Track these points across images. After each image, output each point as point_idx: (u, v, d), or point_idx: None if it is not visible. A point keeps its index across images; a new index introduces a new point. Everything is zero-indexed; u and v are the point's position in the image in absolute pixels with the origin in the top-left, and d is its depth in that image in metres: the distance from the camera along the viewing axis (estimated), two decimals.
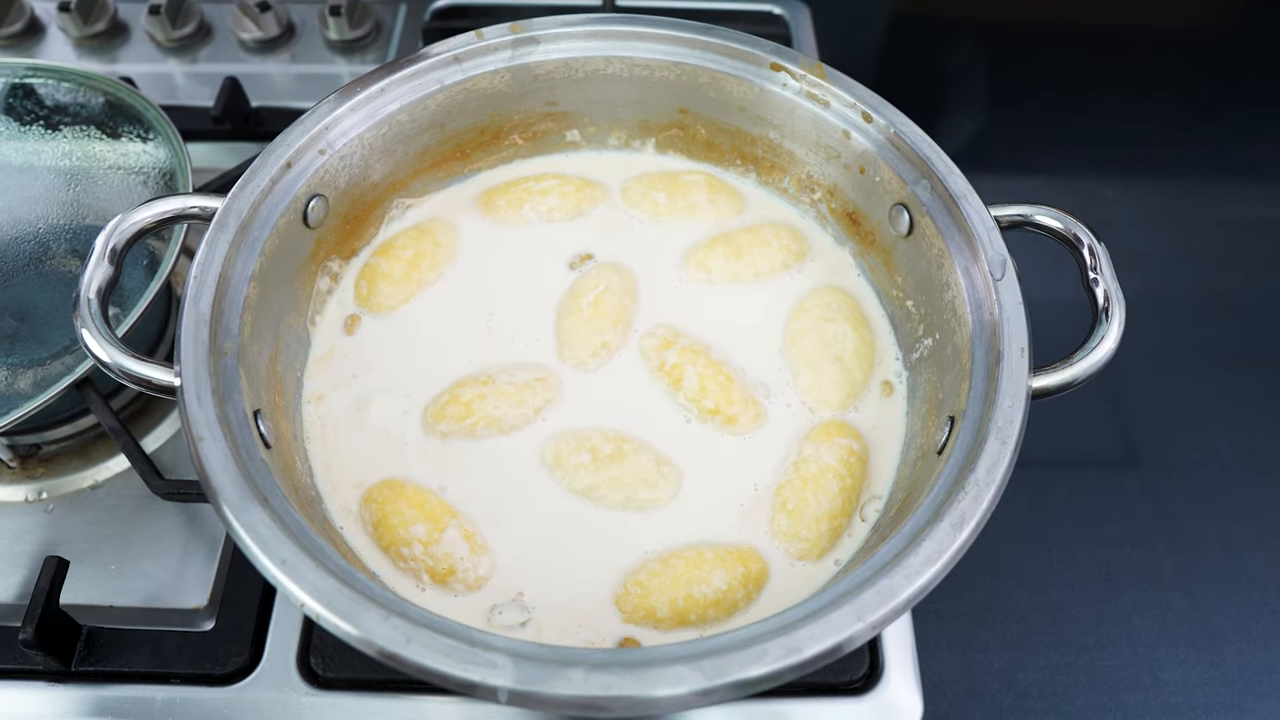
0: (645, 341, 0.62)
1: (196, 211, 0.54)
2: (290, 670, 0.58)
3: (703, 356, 0.60)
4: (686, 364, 0.60)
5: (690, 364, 0.60)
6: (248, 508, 0.45)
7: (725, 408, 0.59)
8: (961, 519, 0.45)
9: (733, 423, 0.59)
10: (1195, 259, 0.88)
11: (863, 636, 0.42)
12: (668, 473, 0.57)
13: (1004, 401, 0.49)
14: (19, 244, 0.67)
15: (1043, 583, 0.68)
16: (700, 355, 0.61)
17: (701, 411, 0.59)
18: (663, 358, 0.61)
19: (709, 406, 0.59)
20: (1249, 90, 1.03)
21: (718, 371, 0.60)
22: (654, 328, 0.62)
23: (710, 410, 0.59)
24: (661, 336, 0.62)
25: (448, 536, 0.54)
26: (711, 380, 0.59)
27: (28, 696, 0.58)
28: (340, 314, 0.63)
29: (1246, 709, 0.64)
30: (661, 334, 0.62)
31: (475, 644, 0.41)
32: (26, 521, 0.66)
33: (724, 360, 0.61)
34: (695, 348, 0.61)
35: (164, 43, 0.94)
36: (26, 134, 0.72)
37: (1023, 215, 0.56)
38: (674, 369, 0.60)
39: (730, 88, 0.65)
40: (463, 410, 0.58)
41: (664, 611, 0.52)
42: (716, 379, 0.60)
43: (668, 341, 0.61)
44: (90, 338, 0.49)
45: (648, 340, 0.62)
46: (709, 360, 0.60)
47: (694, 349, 0.61)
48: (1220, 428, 0.77)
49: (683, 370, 0.60)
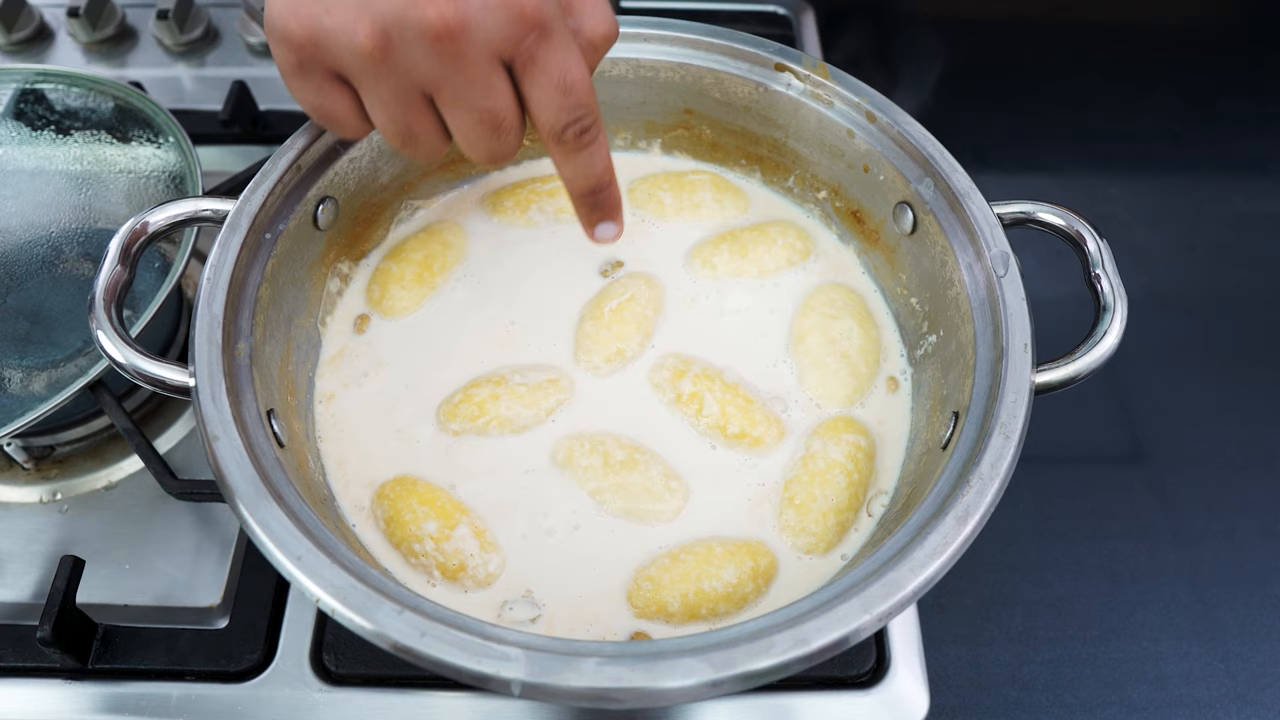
0: (656, 374, 0.61)
1: (209, 214, 0.55)
2: (303, 667, 0.59)
3: (717, 381, 0.60)
4: (704, 391, 0.59)
5: (708, 391, 0.59)
6: (263, 506, 0.45)
7: (750, 430, 0.58)
8: (966, 513, 0.46)
9: (759, 444, 0.59)
10: (1199, 254, 0.89)
11: (869, 629, 0.43)
12: (675, 488, 0.57)
13: (1008, 397, 0.49)
14: (32, 248, 0.68)
15: (1047, 576, 0.69)
16: (715, 380, 0.60)
17: (727, 438, 0.58)
18: (678, 389, 0.60)
19: (734, 432, 0.58)
20: (1252, 85, 1.03)
21: (736, 395, 0.59)
22: (662, 358, 0.61)
23: (736, 436, 0.58)
24: (671, 367, 0.61)
25: (459, 533, 0.54)
26: (731, 405, 0.59)
27: (46, 694, 0.58)
28: (350, 315, 0.64)
29: (1250, 701, 0.64)
30: (671, 364, 0.61)
31: (488, 637, 0.42)
32: (42, 522, 0.66)
33: (738, 383, 0.60)
34: (708, 373, 0.60)
35: (172, 47, 0.94)
36: (38, 139, 0.73)
37: (1025, 212, 0.56)
38: (692, 398, 0.59)
39: (735, 88, 0.65)
40: (476, 410, 0.59)
41: (675, 606, 0.52)
42: (736, 403, 0.59)
43: (679, 371, 0.60)
44: (106, 339, 0.50)
45: (659, 373, 0.61)
46: (724, 384, 0.60)
47: (707, 374, 0.60)
48: (1224, 422, 0.77)
49: (701, 399, 0.59)
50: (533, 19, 0.46)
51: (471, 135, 0.50)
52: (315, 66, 0.48)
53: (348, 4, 0.45)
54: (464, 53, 0.46)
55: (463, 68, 0.46)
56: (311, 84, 0.49)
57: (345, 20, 0.45)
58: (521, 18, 0.45)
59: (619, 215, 0.55)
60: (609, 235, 0.55)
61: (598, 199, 0.53)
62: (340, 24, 0.46)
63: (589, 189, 0.53)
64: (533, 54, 0.47)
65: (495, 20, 0.45)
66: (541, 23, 0.46)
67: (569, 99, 0.48)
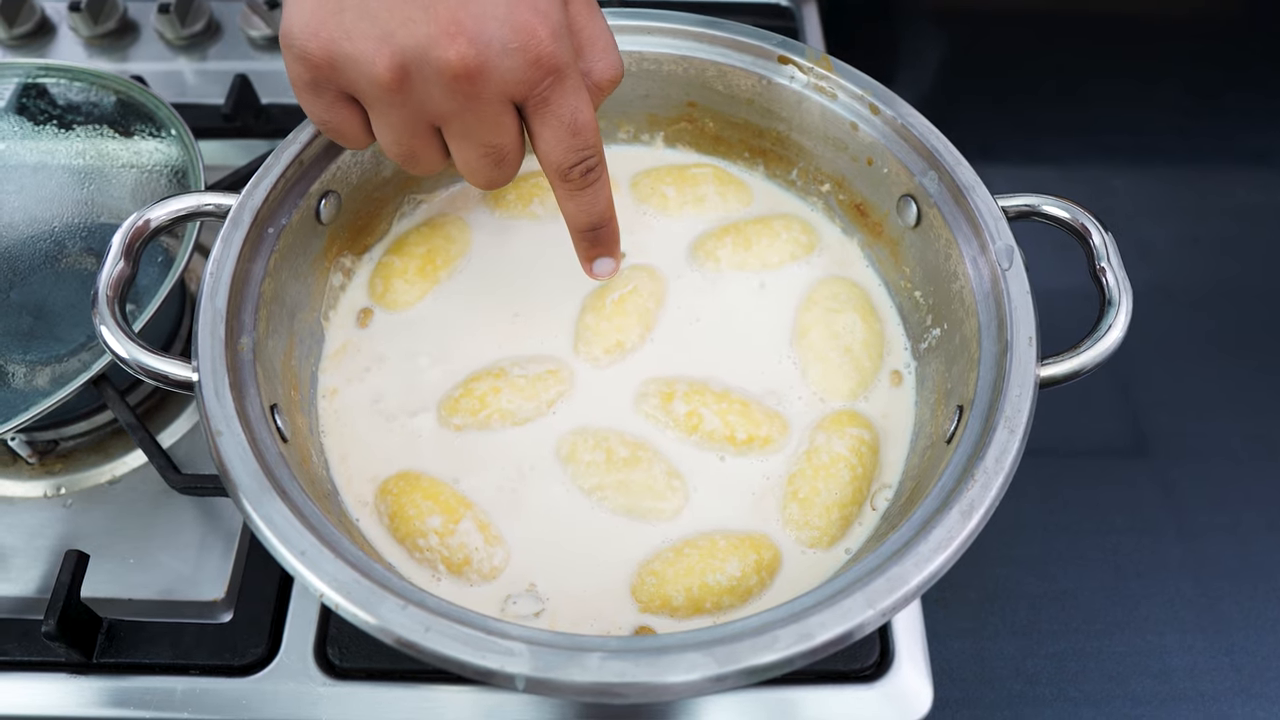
0: (644, 404, 0.60)
1: (211, 209, 0.55)
2: (308, 661, 0.59)
3: (708, 393, 0.59)
4: (699, 407, 0.58)
5: (703, 405, 0.58)
6: (266, 501, 0.45)
7: (756, 432, 0.58)
8: (970, 507, 0.45)
9: (769, 443, 0.58)
10: (1204, 247, 0.88)
11: (873, 623, 0.43)
12: (677, 487, 0.56)
13: (1012, 391, 0.49)
14: (35, 242, 0.68)
15: (1051, 570, 0.68)
16: (704, 392, 0.59)
17: (737, 447, 0.58)
18: (671, 412, 0.59)
19: (742, 439, 0.58)
20: (1256, 78, 1.03)
21: (731, 401, 0.59)
22: (643, 385, 0.60)
23: (745, 441, 0.58)
24: (658, 393, 0.59)
25: (463, 528, 0.54)
26: (731, 413, 0.58)
27: (51, 688, 0.59)
28: (353, 309, 0.64)
29: (1255, 694, 0.64)
30: (656, 389, 0.60)
31: (492, 632, 0.42)
32: (46, 516, 0.67)
33: (727, 389, 0.60)
34: (696, 387, 0.59)
35: (174, 41, 0.94)
36: (40, 133, 0.73)
37: (1030, 206, 0.56)
38: (690, 417, 0.58)
39: (738, 81, 0.65)
40: (477, 403, 0.59)
41: (680, 600, 0.52)
42: (734, 408, 0.59)
43: (667, 395, 0.59)
44: (109, 334, 0.50)
45: (646, 402, 0.60)
46: (715, 394, 0.59)
47: (696, 389, 0.59)
48: (1229, 415, 0.77)
49: (699, 417, 0.58)
50: (549, 65, 0.47)
51: (474, 165, 0.51)
52: (329, 87, 0.49)
53: (370, 34, 0.46)
54: (479, 93, 0.47)
55: (476, 107, 0.47)
56: (323, 101, 0.50)
57: (366, 49, 0.46)
58: (538, 63, 0.46)
59: (617, 250, 0.57)
60: (606, 271, 0.57)
61: (598, 235, 0.55)
62: (361, 52, 0.46)
63: (590, 225, 0.54)
64: (546, 97, 0.48)
65: (513, 64, 0.46)
66: (557, 68, 0.47)
67: (577, 140, 0.49)
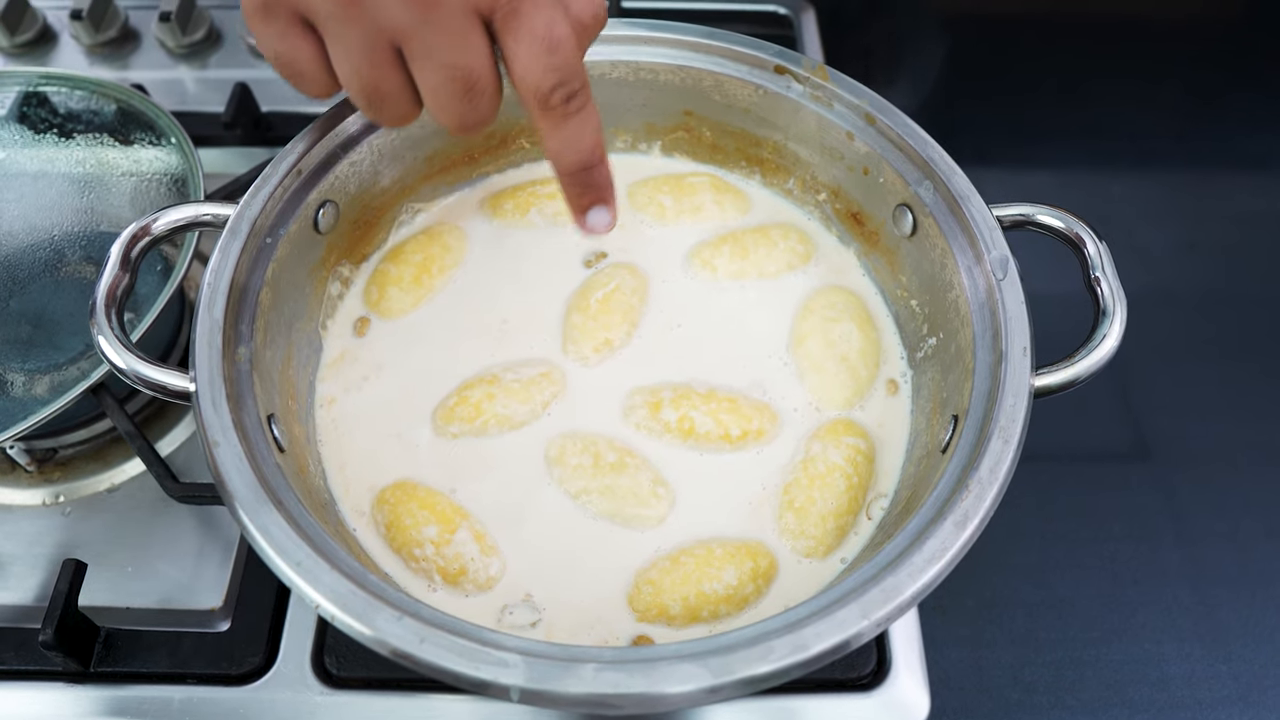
0: (632, 417, 0.59)
1: (210, 219, 0.55)
2: (305, 670, 0.59)
3: (692, 395, 0.59)
4: (688, 410, 0.58)
5: (691, 409, 0.59)
6: (263, 511, 0.45)
7: (749, 426, 0.58)
8: (965, 517, 0.45)
9: (762, 435, 0.59)
10: (1202, 251, 0.88)
11: (868, 634, 0.43)
12: (662, 494, 0.56)
13: (1007, 400, 0.49)
14: (34, 251, 0.68)
15: (1049, 578, 0.68)
16: (689, 395, 0.59)
17: (733, 444, 0.58)
18: (663, 420, 0.59)
19: (737, 435, 0.58)
20: (1255, 81, 1.03)
21: (719, 399, 0.59)
22: (628, 397, 0.60)
23: (741, 436, 0.58)
24: (645, 404, 0.59)
25: (459, 537, 0.54)
26: (721, 411, 0.58)
27: (48, 697, 0.59)
28: (351, 318, 0.64)
29: (1253, 703, 0.64)
30: (641, 401, 0.60)
31: (487, 643, 0.42)
32: (44, 524, 0.67)
33: (712, 388, 0.60)
34: (681, 392, 0.59)
35: (174, 49, 0.94)
36: (40, 142, 0.73)
37: (1025, 215, 0.56)
38: (682, 422, 0.58)
39: (735, 90, 0.65)
40: (472, 411, 0.59)
41: (677, 609, 0.52)
42: (723, 406, 0.59)
43: (654, 405, 0.59)
44: (106, 344, 0.50)
45: (634, 415, 0.59)
46: (701, 395, 0.59)
47: (681, 394, 0.59)
48: (1227, 421, 0.77)
49: (691, 421, 0.58)
50: None
51: (441, 95, 0.46)
52: (281, 9, 0.45)
53: None
54: (439, 1, 0.43)
55: (436, 17, 0.43)
56: (276, 28, 0.46)
57: None
58: None
59: (611, 199, 0.52)
60: (602, 223, 0.52)
61: (588, 177, 0.50)
62: None
63: (578, 164, 0.49)
64: (515, 7, 0.44)
65: None
66: None
67: (554, 58, 0.45)
